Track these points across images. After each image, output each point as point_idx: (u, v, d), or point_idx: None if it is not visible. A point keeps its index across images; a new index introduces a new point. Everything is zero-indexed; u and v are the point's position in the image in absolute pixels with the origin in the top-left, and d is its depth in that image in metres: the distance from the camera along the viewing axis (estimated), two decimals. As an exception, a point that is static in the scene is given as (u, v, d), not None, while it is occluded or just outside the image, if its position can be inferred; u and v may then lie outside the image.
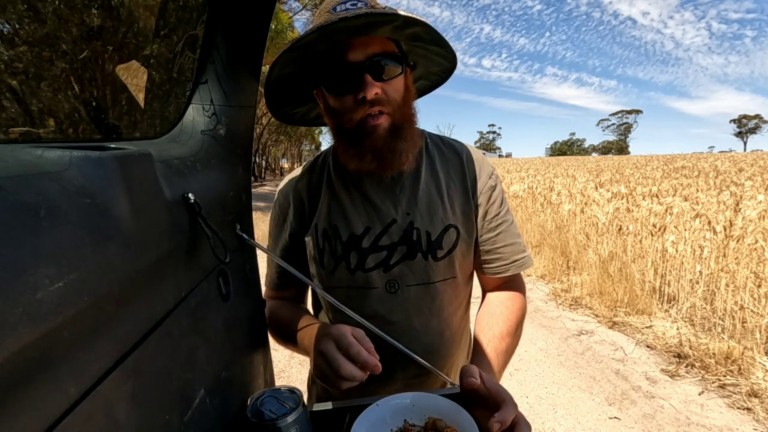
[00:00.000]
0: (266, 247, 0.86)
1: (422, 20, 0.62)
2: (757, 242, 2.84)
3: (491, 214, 0.79)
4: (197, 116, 0.59)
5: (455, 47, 0.73)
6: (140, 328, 0.36)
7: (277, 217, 0.85)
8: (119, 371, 0.31)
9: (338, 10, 0.64)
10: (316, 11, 0.75)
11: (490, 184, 0.80)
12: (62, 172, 0.28)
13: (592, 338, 2.99)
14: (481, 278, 0.86)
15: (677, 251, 3.26)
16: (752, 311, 2.54)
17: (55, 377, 0.25)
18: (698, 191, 5.53)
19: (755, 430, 1.95)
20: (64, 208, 0.27)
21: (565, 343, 2.95)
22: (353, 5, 0.64)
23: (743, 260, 2.83)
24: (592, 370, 2.56)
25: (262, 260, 0.74)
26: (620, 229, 3.95)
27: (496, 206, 0.80)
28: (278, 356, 2.78)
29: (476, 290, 0.87)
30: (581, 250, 4.36)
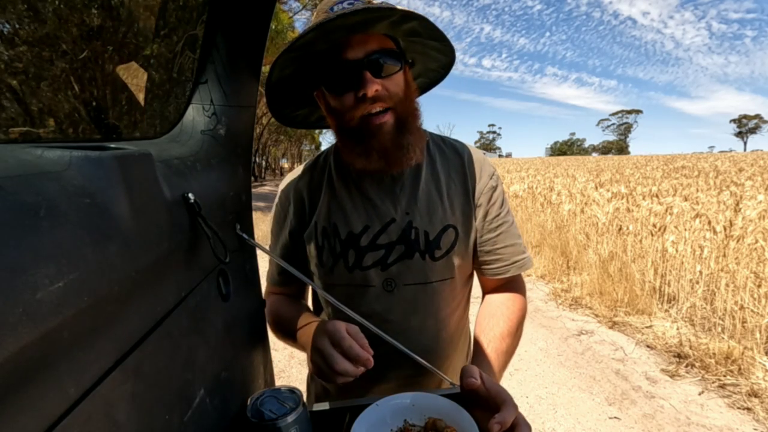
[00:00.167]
0: (268, 244, 0.86)
1: (419, 14, 0.63)
2: (757, 242, 2.84)
3: (492, 214, 0.79)
4: (197, 116, 0.59)
5: (455, 47, 0.73)
6: (140, 328, 0.36)
7: (278, 215, 0.86)
8: (119, 371, 0.31)
9: (335, 9, 0.64)
10: (314, 11, 0.75)
11: (491, 184, 0.80)
12: (62, 172, 0.28)
13: (592, 338, 2.99)
14: (481, 279, 0.86)
15: (677, 251, 3.25)
16: (752, 311, 2.53)
17: (55, 377, 0.25)
18: (698, 191, 5.52)
19: (755, 430, 1.95)
20: (64, 208, 0.27)
21: (565, 343, 2.95)
22: (350, 3, 0.64)
23: (743, 260, 2.83)
24: (592, 370, 2.56)
25: (262, 260, 0.74)
26: (620, 229, 3.95)
27: (496, 207, 0.80)
28: (278, 356, 2.78)
29: (476, 290, 0.87)
30: (581, 250, 4.36)
